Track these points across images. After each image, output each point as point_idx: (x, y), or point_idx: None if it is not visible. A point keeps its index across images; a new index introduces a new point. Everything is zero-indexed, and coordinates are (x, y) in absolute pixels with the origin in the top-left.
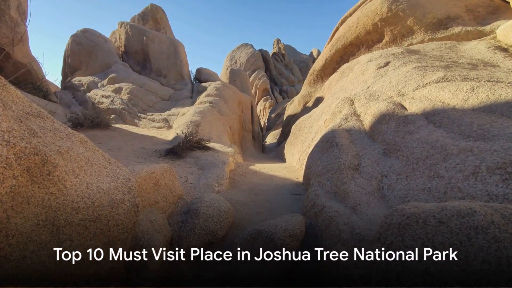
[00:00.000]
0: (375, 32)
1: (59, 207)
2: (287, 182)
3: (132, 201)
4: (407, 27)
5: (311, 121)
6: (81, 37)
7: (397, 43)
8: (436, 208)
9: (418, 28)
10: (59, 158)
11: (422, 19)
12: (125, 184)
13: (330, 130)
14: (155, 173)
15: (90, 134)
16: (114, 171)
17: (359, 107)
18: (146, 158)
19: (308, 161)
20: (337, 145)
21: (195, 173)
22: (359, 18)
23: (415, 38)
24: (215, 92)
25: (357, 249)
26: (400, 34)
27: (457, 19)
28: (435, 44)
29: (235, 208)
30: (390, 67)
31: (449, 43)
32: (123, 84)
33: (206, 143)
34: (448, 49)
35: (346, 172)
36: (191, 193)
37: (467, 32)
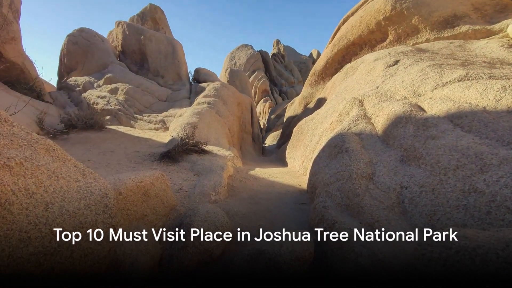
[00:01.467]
0: (378, 31)
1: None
2: (290, 189)
3: (108, 222)
4: (412, 26)
5: (315, 123)
6: (77, 36)
7: (401, 42)
8: (496, 240)
9: (424, 27)
10: (4, 173)
11: (427, 17)
12: (100, 202)
13: (338, 134)
14: (143, 182)
15: (83, 136)
16: (88, 185)
17: (370, 108)
18: (140, 162)
19: (314, 167)
20: (347, 151)
21: (190, 180)
22: (362, 17)
23: (420, 38)
24: (214, 93)
25: (382, 280)
26: (405, 33)
27: (464, 17)
28: (443, 43)
29: (234, 221)
30: (400, 66)
31: (457, 41)
32: (119, 84)
33: (203, 146)
34: (458, 48)
35: (359, 182)
36: (186, 203)
37: (475, 31)
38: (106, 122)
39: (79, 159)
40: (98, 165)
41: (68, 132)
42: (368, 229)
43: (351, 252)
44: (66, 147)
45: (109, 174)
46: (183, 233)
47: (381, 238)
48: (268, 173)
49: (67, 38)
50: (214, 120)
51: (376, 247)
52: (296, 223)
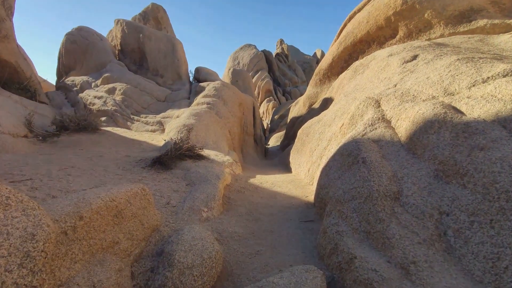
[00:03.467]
0: (387, 27)
1: None
2: (294, 202)
3: (28, 283)
4: (424, 20)
5: (322, 126)
6: (75, 35)
7: (412, 38)
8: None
9: (437, 21)
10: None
11: (441, 11)
12: (20, 249)
13: (351, 140)
14: (116, 200)
15: (74, 139)
16: (8, 221)
17: (389, 110)
18: (128, 169)
19: (322, 178)
20: (364, 162)
21: (181, 191)
22: (370, 12)
23: (433, 33)
24: (214, 93)
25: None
26: (416, 28)
27: (482, 11)
28: (461, 37)
29: (228, 246)
30: (420, 61)
31: (476, 36)
32: (117, 84)
33: (199, 151)
34: (479, 42)
35: (382, 203)
36: (171, 222)
37: (493, 25)
38: (102, 123)
39: (62, 164)
40: (81, 172)
41: (58, 134)
42: (401, 275)
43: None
44: (54, 150)
45: (90, 183)
46: (162, 267)
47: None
48: (270, 181)
49: (65, 37)
50: (213, 121)
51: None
52: (302, 249)
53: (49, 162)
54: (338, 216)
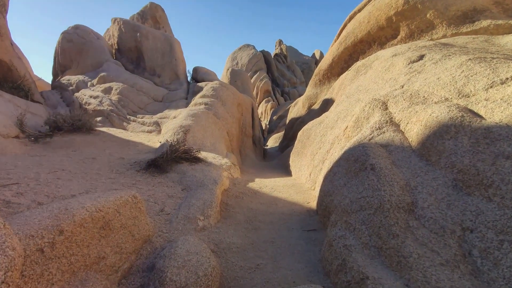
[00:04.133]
0: (389, 28)
1: None
2: (296, 208)
3: None
4: (426, 21)
5: (324, 128)
6: (72, 33)
7: (414, 39)
8: None
9: (440, 22)
10: None
11: (444, 12)
12: None
13: (357, 145)
14: (104, 210)
15: (68, 140)
16: None
17: (397, 112)
18: (122, 172)
19: (326, 184)
20: (373, 169)
21: (177, 196)
22: (371, 12)
23: (435, 34)
24: (212, 93)
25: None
26: (418, 29)
27: (485, 11)
28: (465, 38)
29: (225, 259)
30: (427, 61)
31: (481, 36)
32: (113, 83)
33: (196, 154)
34: (485, 43)
35: (395, 215)
36: (165, 232)
37: (497, 26)
38: (98, 123)
39: (52, 167)
40: (72, 176)
41: (51, 135)
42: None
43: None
44: (46, 152)
45: (81, 188)
46: (152, 285)
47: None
48: (270, 185)
49: (61, 36)
50: (211, 122)
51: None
52: (305, 262)
53: (39, 165)
54: (345, 228)
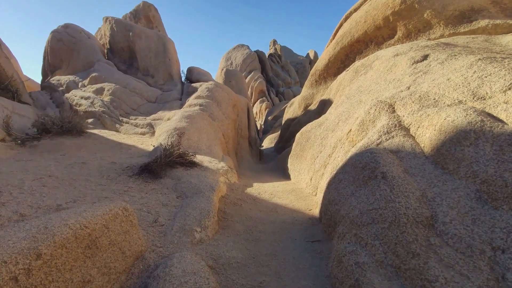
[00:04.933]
0: (386, 27)
1: None
2: (298, 216)
3: None
4: (423, 20)
5: (324, 130)
6: (62, 32)
7: (411, 39)
8: None
9: (437, 21)
10: None
11: (441, 11)
12: None
13: (365, 150)
14: (90, 227)
15: (56, 143)
16: None
17: (406, 116)
18: (113, 178)
19: (331, 192)
20: (384, 177)
21: (171, 205)
22: (368, 12)
23: (433, 33)
24: (207, 94)
25: None
26: (416, 28)
27: (482, 11)
28: (464, 37)
29: (225, 276)
30: (433, 61)
31: (480, 36)
32: (105, 84)
33: (192, 158)
34: (485, 42)
35: (413, 231)
36: (159, 246)
37: (495, 26)
38: (89, 125)
39: (38, 173)
40: (59, 183)
41: (39, 137)
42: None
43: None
44: (33, 156)
45: (68, 197)
46: None
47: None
48: (269, 191)
49: (51, 35)
50: (206, 124)
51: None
52: (312, 279)
53: (25, 171)
54: (356, 242)
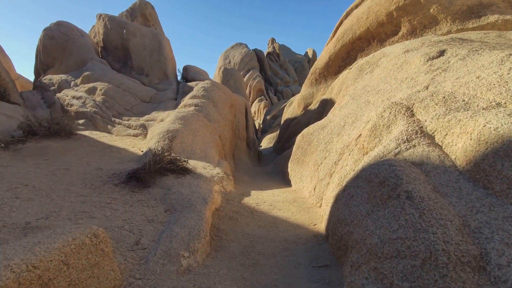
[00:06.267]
0: (389, 24)
1: None
2: (301, 233)
3: None
4: (429, 16)
5: (328, 134)
6: (54, 30)
7: (416, 35)
8: None
9: (444, 17)
10: None
11: (448, 6)
12: None
13: (381, 161)
14: (41, 266)
15: (42, 146)
16: None
17: (430, 120)
18: (97, 187)
19: (340, 208)
20: (410, 198)
21: (157, 221)
22: (370, 7)
23: (439, 29)
24: (203, 93)
25: None
26: (421, 24)
27: (491, 6)
28: (475, 33)
29: None
30: (452, 58)
31: (492, 32)
32: (98, 83)
33: (184, 164)
34: (499, 38)
35: (458, 276)
36: (138, 278)
37: (505, 21)
38: (80, 126)
39: (14, 181)
40: (35, 194)
41: (24, 140)
42: None
43: None
44: (14, 161)
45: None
46: None
47: None
48: (269, 201)
49: (43, 33)
50: (201, 126)
51: None
52: None
53: (0, 178)
54: (376, 279)
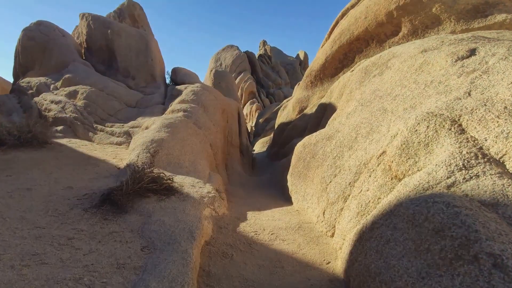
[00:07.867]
0: (389, 24)
1: None
2: (312, 276)
3: None
4: (431, 16)
5: (337, 146)
6: (34, 30)
7: (418, 36)
8: None
9: (447, 16)
10: None
11: (452, 5)
12: None
13: (429, 196)
14: None
15: (9, 158)
16: None
17: (493, 140)
18: (62, 213)
19: (369, 253)
20: (498, 266)
21: (130, 267)
22: (369, 7)
23: (442, 30)
24: (192, 97)
25: None
26: (423, 25)
27: (498, 5)
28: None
29: None
30: (489, 57)
31: (506, 31)
32: (79, 87)
33: (168, 183)
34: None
35: None
36: None
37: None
38: (58, 134)
39: None
40: None
41: None
42: None
43: None
44: None
45: None
46: None
47: None
48: (269, 227)
49: (22, 33)
50: (190, 134)
51: None
52: None
53: None
54: None
